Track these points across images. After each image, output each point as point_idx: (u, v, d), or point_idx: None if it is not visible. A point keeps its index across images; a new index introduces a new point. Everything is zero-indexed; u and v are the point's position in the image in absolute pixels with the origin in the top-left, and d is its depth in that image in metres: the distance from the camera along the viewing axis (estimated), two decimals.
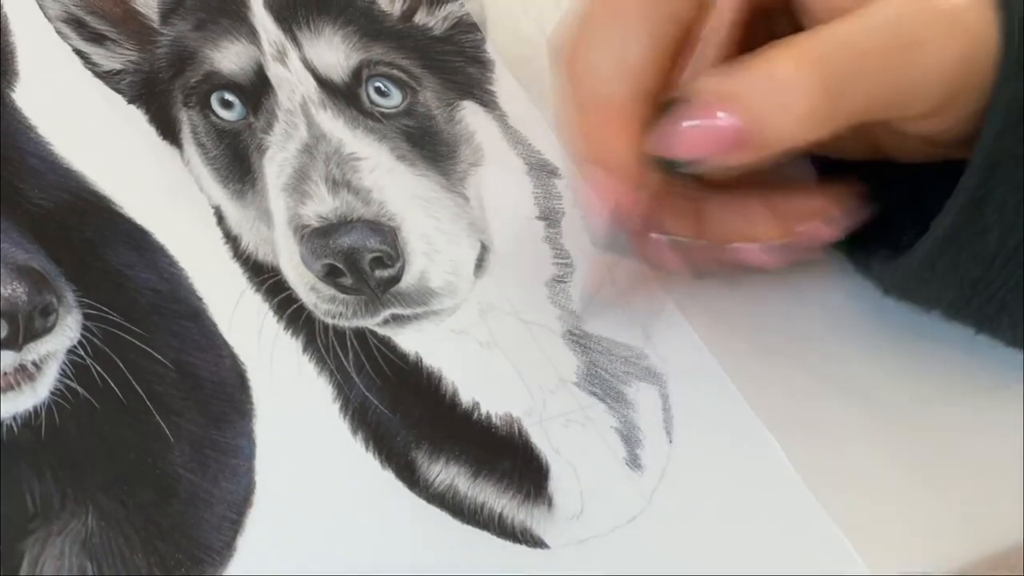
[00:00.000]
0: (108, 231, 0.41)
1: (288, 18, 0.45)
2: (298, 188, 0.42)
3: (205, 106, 0.44)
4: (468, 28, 0.48)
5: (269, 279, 0.42)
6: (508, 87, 0.47)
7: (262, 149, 0.43)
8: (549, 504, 0.39)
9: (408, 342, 0.41)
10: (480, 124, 0.46)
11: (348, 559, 0.37)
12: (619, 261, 0.42)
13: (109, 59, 0.45)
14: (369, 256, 0.40)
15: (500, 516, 0.38)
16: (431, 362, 0.41)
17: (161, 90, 0.45)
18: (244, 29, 0.45)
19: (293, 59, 0.45)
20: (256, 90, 0.44)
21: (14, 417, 0.38)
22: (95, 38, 0.45)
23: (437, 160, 0.44)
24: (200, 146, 0.44)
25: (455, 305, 0.42)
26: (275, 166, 0.43)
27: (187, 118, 0.44)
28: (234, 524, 0.37)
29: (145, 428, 0.38)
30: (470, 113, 0.46)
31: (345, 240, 0.40)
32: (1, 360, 0.38)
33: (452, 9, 0.48)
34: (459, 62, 0.47)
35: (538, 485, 0.39)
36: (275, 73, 0.44)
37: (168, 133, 0.44)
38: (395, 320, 0.41)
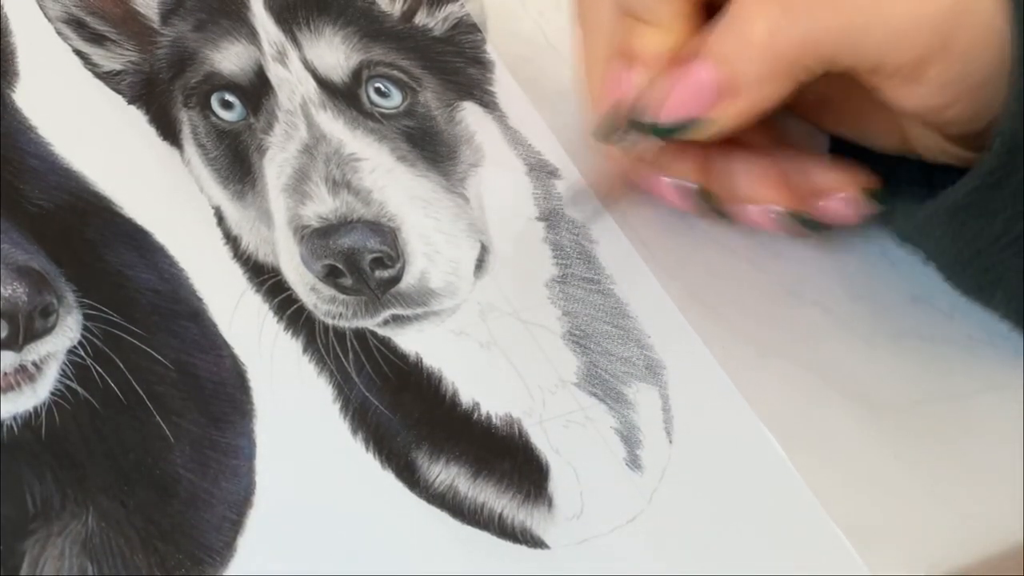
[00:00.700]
0: (108, 232, 0.41)
1: (288, 19, 0.45)
2: (298, 189, 0.42)
3: (205, 107, 0.44)
4: (468, 29, 0.48)
5: (269, 280, 0.42)
6: (508, 88, 0.47)
7: (262, 150, 0.43)
8: (549, 504, 0.39)
9: (408, 343, 0.41)
10: (480, 125, 0.46)
11: (348, 559, 0.37)
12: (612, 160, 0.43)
13: (109, 60, 0.45)
14: (369, 257, 0.40)
15: (500, 516, 0.38)
16: (431, 362, 0.41)
17: (161, 91, 0.45)
18: (244, 30, 0.45)
19: (293, 60, 0.45)
20: (256, 91, 0.44)
21: (14, 417, 0.38)
22: (95, 39, 0.45)
23: (437, 161, 0.44)
24: (200, 147, 0.44)
25: (455, 306, 0.42)
26: (275, 167, 0.43)
27: (187, 119, 0.44)
28: (234, 524, 0.37)
29: (145, 428, 0.38)
30: (470, 114, 0.46)
31: (345, 241, 0.40)
32: (1, 360, 0.37)
33: (452, 10, 0.48)
34: (459, 63, 0.47)
35: (538, 485, 0.39)
36: (275, 74, 0.44)
37: (168, 134, 0.44)
38: (395, 321, 0.41)
